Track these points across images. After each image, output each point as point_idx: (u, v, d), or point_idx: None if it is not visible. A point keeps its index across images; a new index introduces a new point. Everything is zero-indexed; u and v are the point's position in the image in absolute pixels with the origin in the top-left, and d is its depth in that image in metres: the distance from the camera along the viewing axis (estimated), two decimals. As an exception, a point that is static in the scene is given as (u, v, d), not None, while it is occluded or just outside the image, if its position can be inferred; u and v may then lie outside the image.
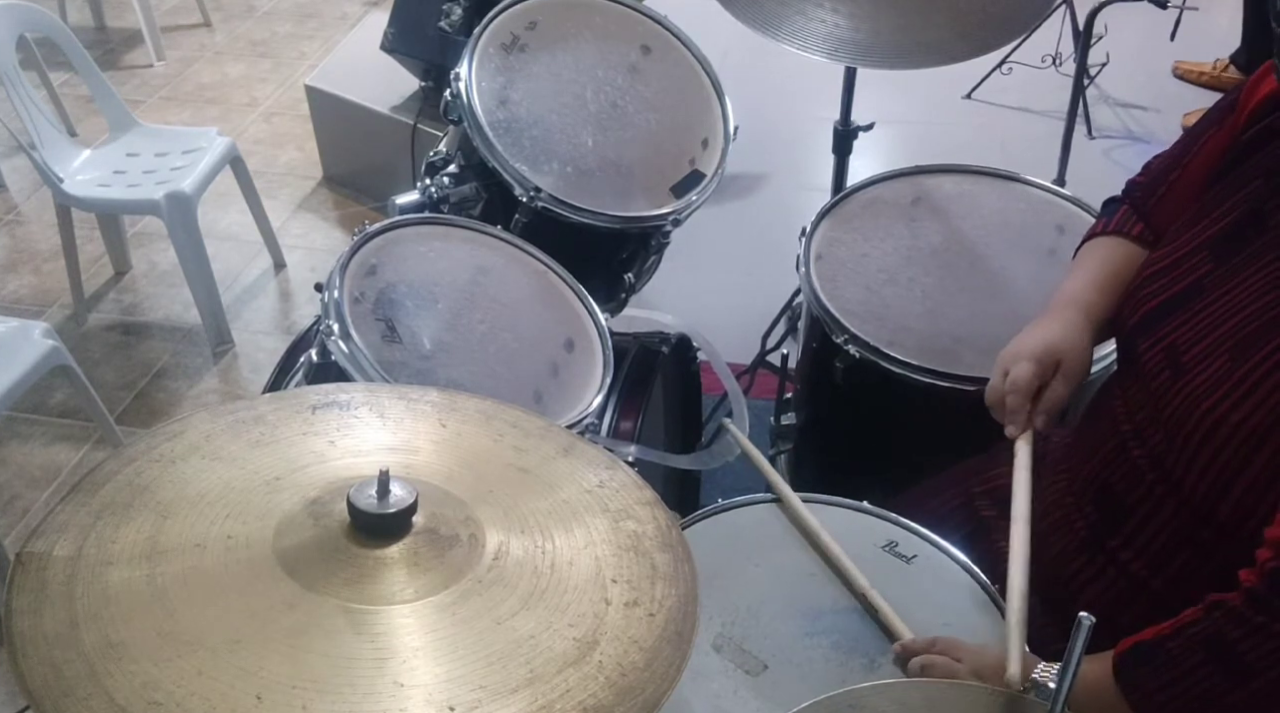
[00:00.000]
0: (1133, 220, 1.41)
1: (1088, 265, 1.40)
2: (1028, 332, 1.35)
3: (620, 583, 0.93)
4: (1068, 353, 1.31)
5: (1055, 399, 1.31)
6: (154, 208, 2.88)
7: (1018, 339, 1.35)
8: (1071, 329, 1.32)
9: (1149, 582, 1.20)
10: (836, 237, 1.87)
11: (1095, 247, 1.43)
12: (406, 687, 0.80)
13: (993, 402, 1.35)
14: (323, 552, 0.89)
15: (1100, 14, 2.81)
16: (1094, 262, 1.40)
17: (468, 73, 1.84)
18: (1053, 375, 1.31)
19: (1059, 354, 1.31)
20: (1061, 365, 1.31)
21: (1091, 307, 1.35)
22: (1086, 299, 1.35)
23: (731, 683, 1.19)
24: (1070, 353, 1.31)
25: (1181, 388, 1.13)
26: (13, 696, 2.14)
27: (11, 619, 0.81)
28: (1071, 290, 1.37)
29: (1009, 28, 1.97)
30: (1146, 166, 1.44)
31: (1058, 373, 1.31)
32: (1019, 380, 1.30)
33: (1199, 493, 1.12)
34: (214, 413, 1.04)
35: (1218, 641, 1.03)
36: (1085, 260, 1.42)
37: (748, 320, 2.74)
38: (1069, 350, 1.31)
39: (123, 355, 3.04)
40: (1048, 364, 1.31)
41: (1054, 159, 2.92)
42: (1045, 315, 1.36)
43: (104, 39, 4.65)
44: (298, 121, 4.01)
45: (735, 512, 1.40)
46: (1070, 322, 1.33)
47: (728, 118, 2.01)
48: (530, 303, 1.73)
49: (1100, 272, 1.38)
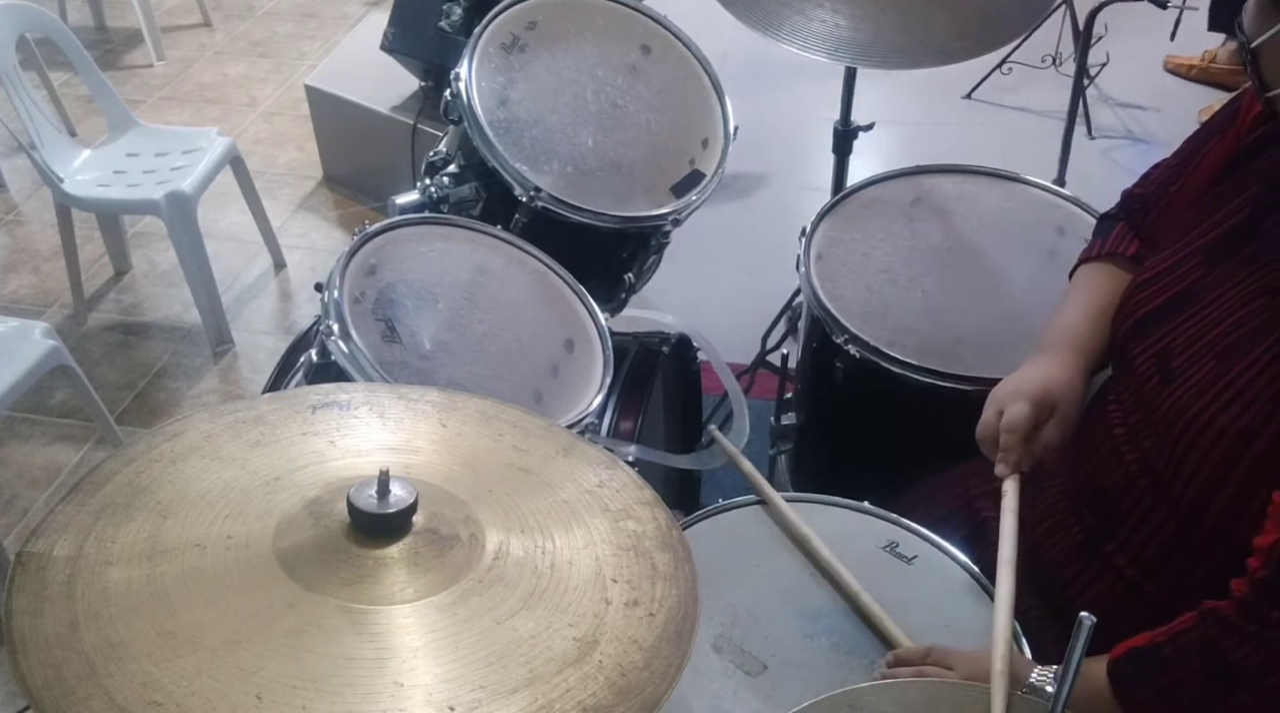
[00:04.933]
0: (1128, 240, 1.40)
1: (1081, 295, 1.39)
2: (1025, 370, 1.33)
3: (620, 583, 0.93)
4: (1064, 396, 1.29)
5: (1048, 443, 1.29)
6: (154, 208, 2.88)
7: (1013, 378, 1.33)
8: (1068, 372, 1.31)
9: (1143, 586, 1.20)
10: (836, 237, 1.87)
11: (1090, 275, 1.41)
12: (406, 687, 0.80)
13: (984, 437, 1.33)
14: (323, 552, 0.89)
15: (1100, 14, 2.81)
16: (1088, 292, 1.38)
17: (468, 73, 1.84)
18: (1048, 418, 1.29)
19: (1055, 398, 1.29)
20: (1057, 409, 1.29)
21: (1085, 344, 1.33)
22: (1080, 335, 1.34)
23: (731, 683, 1.19)
24: (1066, 396, 1.29)
25: (1171, 392, 1.13)
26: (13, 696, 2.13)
27: (11, 619, 0.81)
28: (1065, 327, 1.36)
29: (1009, 28, 1.97)
30: (1146, 176, 1.42)
31: (1053, 417, 1.29)
32: (1015, 421, 1.28)
33: (1188, 497, 1.12)
34: (214, 413, 1.04)
35: (1211, 649, 1.03)
36: (1079, 289, 1.41)
37: (748, 320, 2.74)
38: (1065, 394, 1.29)
39: (123, 355, 3.04)
40: (1044, 407, 1.29)
41: (1054, 159, 2.92)
42: (1041, 353, 1.35)
43: (104, 39, 4.65)
44: (298, 121, 4.01)
45: (735, 512, 1.40)
46: (1067, 364, 1.32)
47: (728, 118, 2.01)
48: (530, 303, 1.73)
49: (1093, 304, 1.36)
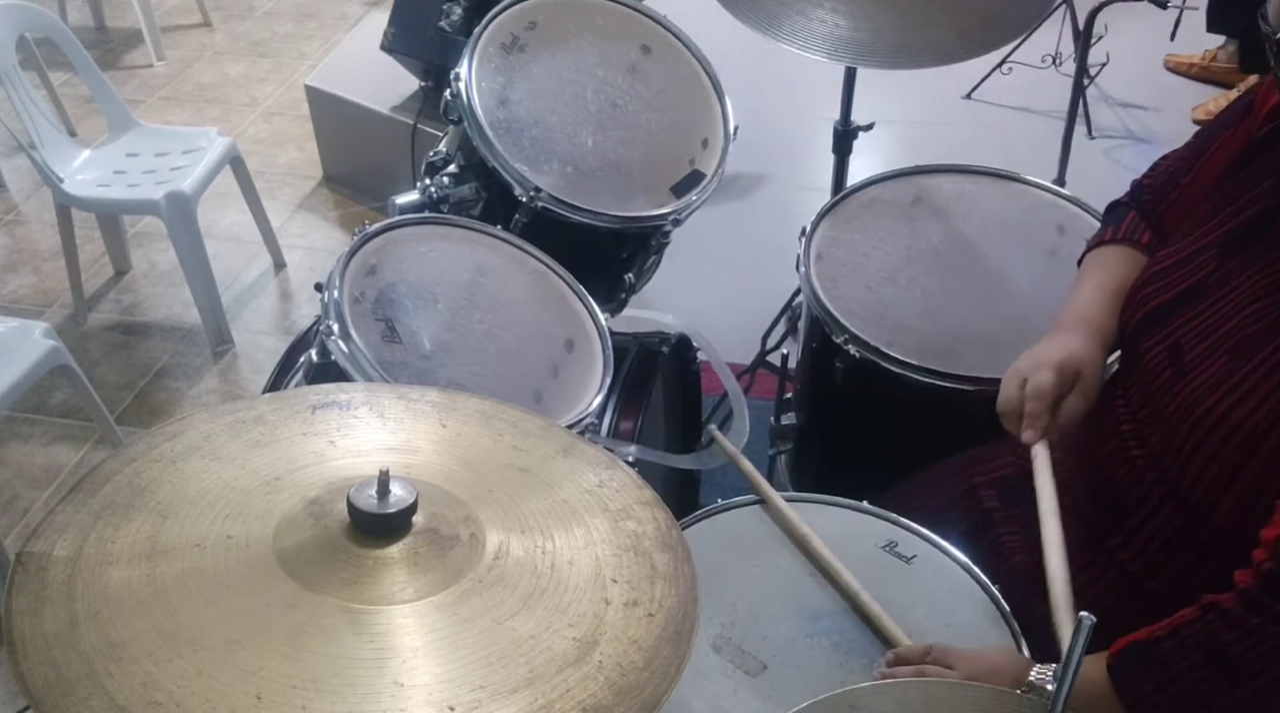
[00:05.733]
0: (1141, 228, 1.38)
1: (1096, 278, 1.37)
2: (1045, 344, 1.32)
3: (620, 583, 0.93)
4: (1087, 366, 1.28)
5: (1073, 412, 1.28)
6: (154, 208, 2.88)
7: (1035, 351, 1.31)
8: (1089, 345, 1.30)
9: (1147, 582, 1.20)
10: (836, 237, 1.87)
11: (1103, 257, 1.39)
12: (406, 687, 0.80)
13: (1007, 410, 1.31)
14: (323, 552, 0.89)
15: (1100, 14, 2.81)
16: (1103, 274, 1.37)
17: (468, 73, 1.84)
18: (1071, 388, 1.28)
19: (1079, 366, 1.28)
20: (1080, 378, 1.28)
21: (1102, 324, 1.32)
22: (1098, 315, 1.32)
23: (731, 683, 1.19)
24: (1089, 367, 1.28)
25: (1182, 387, 1.13)
26: (13, 696, 2.13)
27: (11, 619, 0.81)
28: (1081, 305, 1.34)
29: (1009, 28, 1.97)
30: (1155, 167, 1.41)
31: (1076, 386, 1.28)
32: (1041, 387, 1.27)
33: (1196, 493, 1.12)
34: (214, 413, 1.04)
35: (1212, 642, 1.03)
36: (1093, 272, 1.39)
37: (748, 320, 2.74)
38: (1088, 364, 1.28)
39: (123, 355, 3.04)
40: (1069, 374, 1.28)
41: (1054, 159, 2.92)
42: (1058, 330, 1.33)
43: (104, 39, 4.65)
44: (298, 121, 4.01)
45: (735, 512, 1.40)
46: (1087, 336, 1.30)
47: (728, 118, 2.01)
48: (530, 303, 1.73)
49: (1109, 286, 1.34)
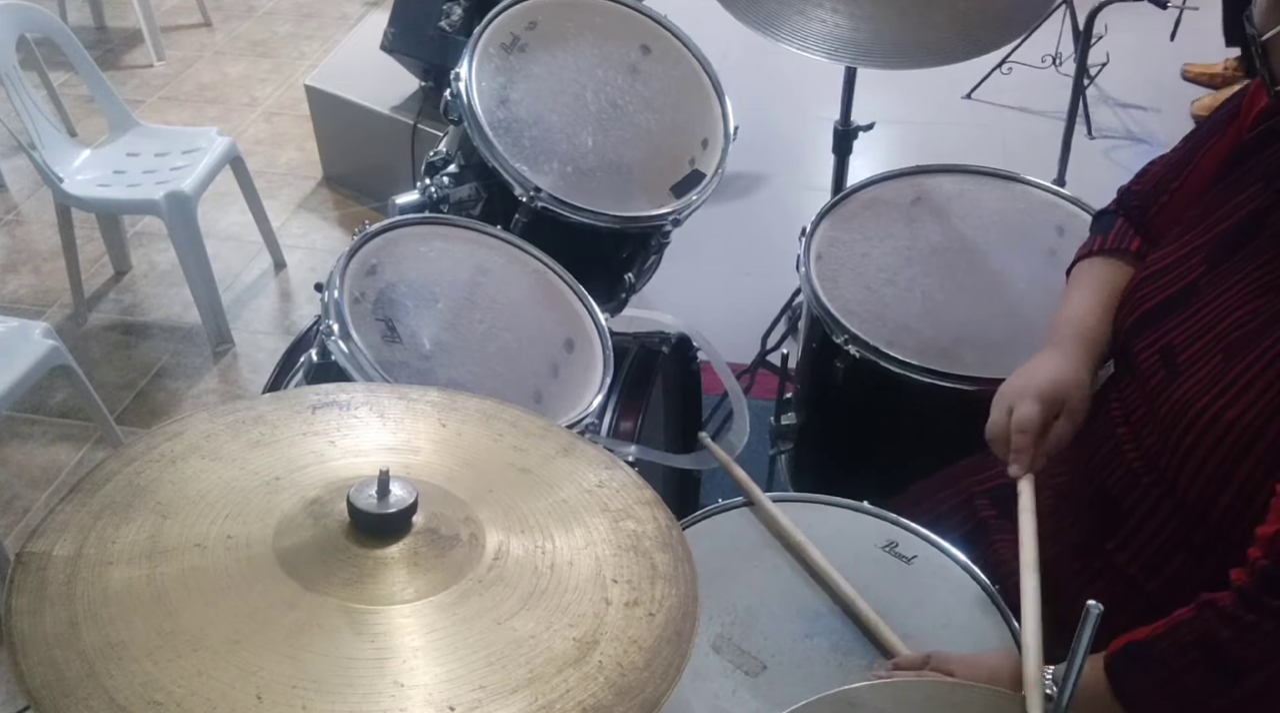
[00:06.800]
0: (1129, 235, 1.38)
1: (1086, 290, 1.37)
2: (1032, 366, 1.31)
3: (620, 583, 0.93)
4: (1072, 392, 1.28)
5: (1059, 439, 1.28)
6: (154, 208, 2.88)
7: (1022, 374, 1.31)
8: (1075, 366, 1.29)
9: (1145, 585, 1.20)
10: (836, 237, 1.87)
11: (1092, 268, 1.39)
12: (406, 687, 0.80)
13: (995, 438, 1.31)
14: (323, 552, 0.89)
15: (1100, 14, 2.81)
16: (1092, 286, 1.36)
17: (468, 73, 1.84)
18: (1057, 415, 1.28)
19: (1064, 394, 1.27)
20: (1066, 405, 1.28)
21: (1093, 338, 1.32)
22: (1088, 329, 1.32)
23: (731, 683, 1.19)
24: (1075, 392, 1.28)
25: (1176, 388, 1.13)
26: (13, 696, 2.13)
27: (11, 619, 0.81)
28: (1071, 319, 1.34)
29: (1009, 28, 1.97)
30: (1142, 173, 1.41)
31: (1062, 413, 1.28)
32: (1026, 421, 1.26)
33: (1192, 494, 1.12)
34: (214, 413, 1.03)
35: (1209, 640, 1.03)
36: (1082, 283, 1.38)
37: (748, 320, 2.74)
38: (1073, 389, 1.28)
39: (123, 355, 3.04)
40: (1053, 404, 1.27)
41: (1054, 159, 2.92)
42: (1048, 348, 1.33)
43: (104, 39, 4.65)
44: (298, 121, 4.01)
45: (735, 512, 1.40)
46: (1074, 357, 1.30)
47: (728, 118, 2.01)
48: (530, 303, 1.73)
49: (1099, 297, 1.34)
